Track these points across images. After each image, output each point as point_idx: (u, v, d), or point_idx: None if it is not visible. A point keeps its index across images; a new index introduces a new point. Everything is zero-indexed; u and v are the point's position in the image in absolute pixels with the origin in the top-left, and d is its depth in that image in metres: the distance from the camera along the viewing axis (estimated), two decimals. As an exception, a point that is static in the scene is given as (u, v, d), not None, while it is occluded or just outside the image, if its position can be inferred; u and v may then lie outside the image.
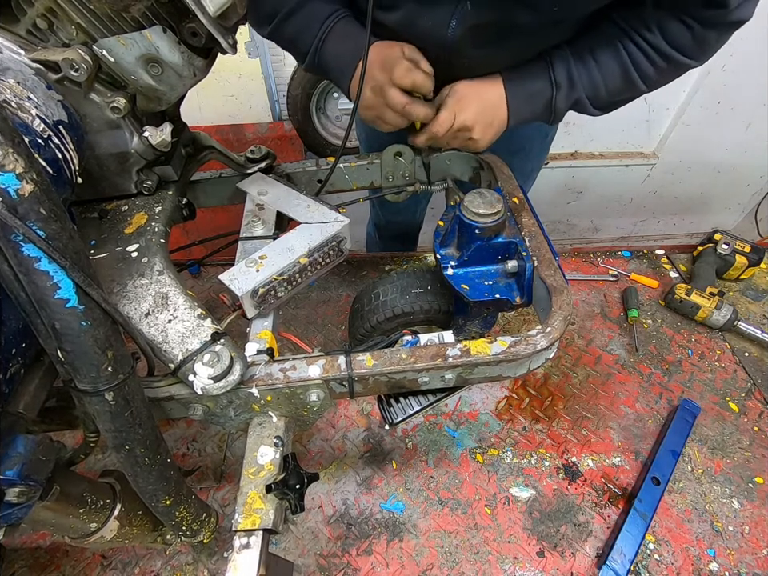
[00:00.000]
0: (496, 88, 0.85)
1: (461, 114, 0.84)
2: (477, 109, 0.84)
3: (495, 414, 1.09)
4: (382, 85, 0.81)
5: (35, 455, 0.50)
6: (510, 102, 0.85)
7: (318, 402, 0.68)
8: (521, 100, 0.86)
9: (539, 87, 0.85)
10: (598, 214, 2.55)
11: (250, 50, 1.87)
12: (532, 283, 0.77)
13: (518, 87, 0.85)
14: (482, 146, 0.89)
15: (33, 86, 0.56)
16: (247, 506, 0.62)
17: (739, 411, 1.09)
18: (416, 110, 0.82)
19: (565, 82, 0.84)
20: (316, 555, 0.89)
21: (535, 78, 0.85)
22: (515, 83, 0.85)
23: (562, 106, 0.86)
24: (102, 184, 0.76)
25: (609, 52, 0.82)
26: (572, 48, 0.84)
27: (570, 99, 0.85)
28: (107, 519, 0.65)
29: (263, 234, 0.81)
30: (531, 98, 0.86)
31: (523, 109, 0.87)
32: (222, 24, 0.63)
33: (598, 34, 0.83)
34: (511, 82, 0.85)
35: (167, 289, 0.66)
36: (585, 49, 0.83)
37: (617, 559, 0.85)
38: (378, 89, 0.81)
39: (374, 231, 1.67)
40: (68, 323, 0.44)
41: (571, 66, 0.83)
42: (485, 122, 0.85)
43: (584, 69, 0.83)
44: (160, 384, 0.65)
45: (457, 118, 0.84)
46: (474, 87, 0.85)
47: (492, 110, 0.86)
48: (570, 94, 0.85)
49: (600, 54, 0.82)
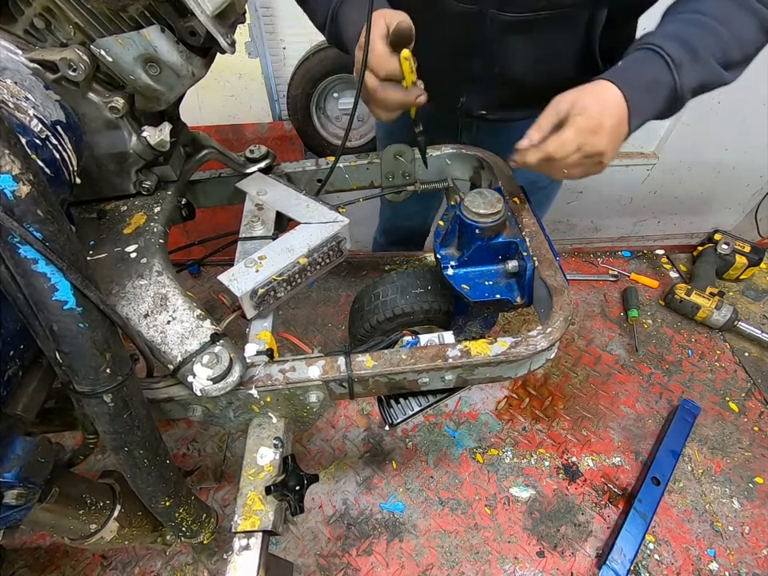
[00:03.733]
0: (612, 92, 0.71)
1: (595, 140, 0.70)
2: (611, 129, 0.70)
3: (495, 414, 1.09)
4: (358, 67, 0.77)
5: (34, 457, 0.50)
6: (630, 102, 0.70)
7: (318, 403, 0.68)
8: (640, 95, 0.71)
9: (654, 73, 0.71)
10: (598, 214, 2.54)
11: (250, 50, 1.87)
12: (532, 283, 0.77)
13: (634, 83, 0.71)
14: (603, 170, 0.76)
15: (30, 86, 0.55)
16: (247, 507, 0.61)
17: (739, 411, 1.09)
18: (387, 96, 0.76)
19: (684, 54, 0.70)
20: (316, 555, 0.89)
21: (645, 65, 0.72)
22: (629, 80, 0.71)
23: (689, 84, 0.71)
24: (100, 184, 0.75)
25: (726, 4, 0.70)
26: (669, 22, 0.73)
27: (697, 75, 0.71)
28: (107, 520, 0.65)
29: (263, 235, 0.81)
30: (650, 89, 0.71)
31: (645, 106, 0.72)
32: (220, 23, 0.63)
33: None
34: (624, 81, 0.71)
35: (166, 289, 0.66)
36: (690, 13, 0.72)
37: (617, 559, 0.85)
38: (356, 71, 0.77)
39: (381, 237, 1.66)
40: (66, 325, 0.44)
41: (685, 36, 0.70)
42: (615, 140, 0.72)
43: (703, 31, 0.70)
44: (159, 385, 0.64)
45: (588, 144, 0.70)
46: (598, 98, 0.71)
47: (619, 127, 0.72)
48: (694, 67, 0.70)
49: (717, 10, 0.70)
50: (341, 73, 1.67)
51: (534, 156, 0.74)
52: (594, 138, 0.71)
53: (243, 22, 0.70)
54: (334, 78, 1.65)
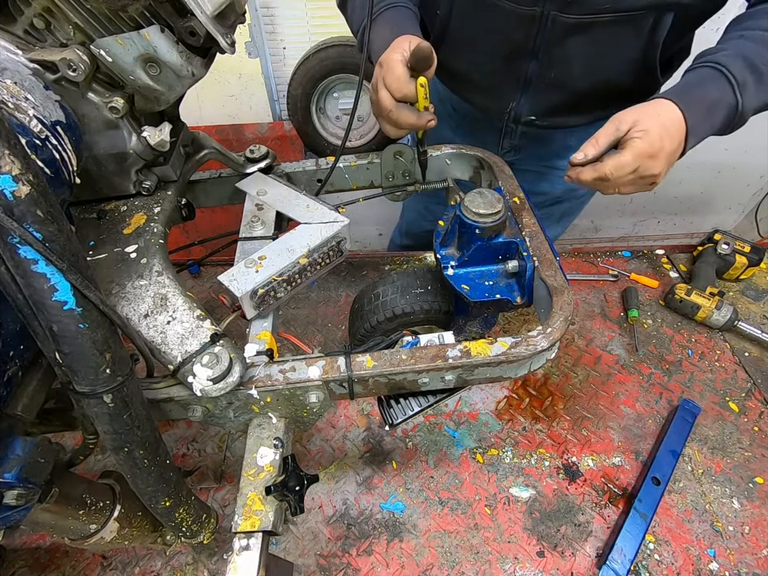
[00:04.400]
0: (674, 114, 0.71)
1: (652, 164, 0.71)
2: (667, 153, 0.71)
3: (495, 414, 1.09)
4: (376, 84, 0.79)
5: (34, 457, 0.50)
6: (690, 123, 0.71)
7: (318, 404, 0.68)
8: (700, 117, 0.71)
9: (717, 93, 0.70)
10: (598, 214, 2.54)
11: (250, 50, 1.87)
12: (533, 283, 0.77)
13: (695, 104, 0.71)
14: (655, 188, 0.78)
15: (30, 87, 0.55)
16: (247, 507, 0.61)
17: (739, 411, 1.09)
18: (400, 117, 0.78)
19: (749, 75, 0.69)
20: (316, 555, 0.89)
21: (708, 84, 0.71)
22: (691, 101, 0.71)
23: (752, 105, 0.71)
24: (100, 184, 0.75)
25: None
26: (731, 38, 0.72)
27: (762, 94, 0.70)
28: (107, 520, 0.65)
29: (263, 235, 0.81)
30: (710, 111, 0.71)
31: (703, 127, 0.73)
32: (220, 23, 0.63)
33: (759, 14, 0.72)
34: (686, 102, 0.71)
35: (166, 290, 0.66)
36: (750, 30, 0.70)
37: (617, 559, 0.85)
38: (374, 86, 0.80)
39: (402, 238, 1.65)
40: (66, 325, 0.44)
41: (749, 54, 0.69)
42: (670, 163, 0.73)
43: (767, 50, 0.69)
44: (159, 385, 0.64)
45: (644, 167, 0.71)
46: (659, 120, 0.70)
47: (677, 151, 0.72)
48: (759, 87, 0.69)
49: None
50: (341, 73, 1.67)
51: (588, 175, 0.74)
52: (652, 162, 0.71)
53: (243, 22, 0.70)
54: (334, 78, 1.65)
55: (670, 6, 0.78)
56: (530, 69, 0.91)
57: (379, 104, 0.79)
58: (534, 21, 0.82)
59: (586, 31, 0.82)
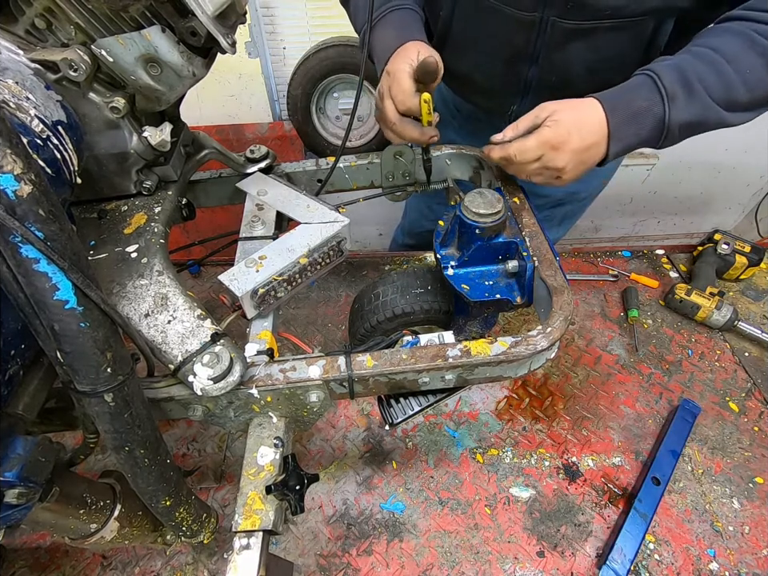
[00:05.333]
0: (595, 112, 0.72)
1: (555, 155, 0.72)
2: (573, 149, 0.72)
3: (495, 414, 1.09)
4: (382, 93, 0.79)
5: (35, 456, 0.50)
6: (612, 126, 0.71)
7: (318, 403, 0.68)
8: (622, 122, 0.71)
9: (645, 103, 0.70)
10: (598, 214, 2.54)
11: (250, 50, 1.88)
12: (533, 283, 0.77)
13: (620, 108, 0.71)
14: (565, 184, 0.78)
15: (31, 86, 0.55)
16: (247, 506, 0.62)
17: (739, 411, 1.09)
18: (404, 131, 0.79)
19: (679, 88, 0.69)
20: (316, 555, 0.89)
21: (637, 91, 0.72)
22: (616, 104, 0.72)
23: (678, 122, 0.70)
24: (101, 184, 0.75)
25: (739, 42, 0.68)
26: (682, 52, 0.72)
27: (690, 111, 0.70)
28: (107, 520, 0.65)
29: (263, 235, 0.81)
30: (634, 118, 0.71)
31: (626, 132, 0.72)
32: (221, 23, 0.63)
33: (716, 31, 0.72)
34: (611, 104, 0.72)
35: (167, 289, 0.66)
36: (701, 47, 0.70)
37: (617, 559, 0.85)
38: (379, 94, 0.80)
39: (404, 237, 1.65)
40: (67, 324, 0.44)
41: (685, 68, 0.69)
42: (577, 162, 0.74)
43: (707, 67, 0.68)
44: (159, 385, 0.65)
45: (547, 157, 0.73)
46: (575, 115, 0.72)
47: (588, 151, 0.73)
48: (689, 104, 0.69)
49: (726, 46, 0.68)
50: (341, 73, 1.67)
51: (496, 153, 0.78)
52: (554, 154, 0.72)
53: (244, 22, 0.70)
54: (334, 78, 1.65)
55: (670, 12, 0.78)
56: (530, 73, 0.91)
57: (383, 115, 0.80)
58: (534, 26, 0.83)
59: (587, 36, 0.82)
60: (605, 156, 0.74)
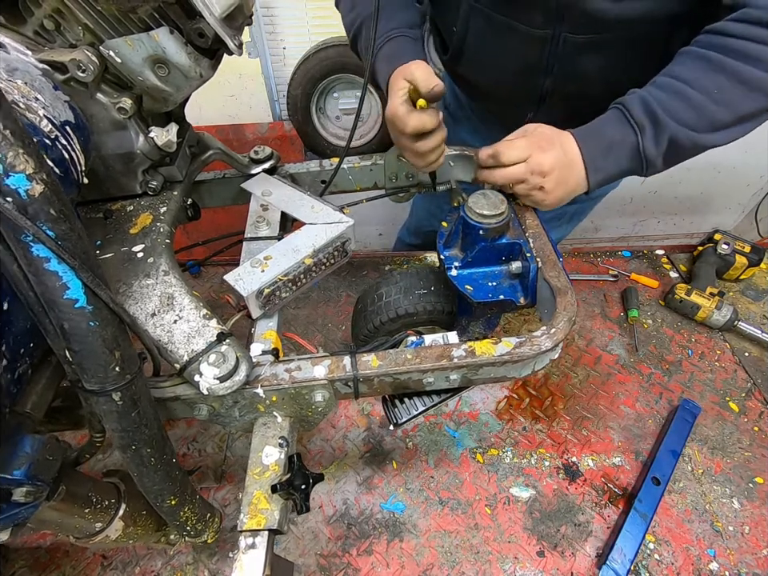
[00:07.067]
0: (571, 143, 0.76)
1: (540, 154, 0.76)
2: (557, 156, 0.75)
3: (495, 413, 1.09)
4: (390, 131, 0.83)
5: (42, 455, 0.50)
6: (586, 156, 0.76)
7: (323, 403, 0.69)
8: (597, 153, 0.75)
9: (618, 135, 0.74)
10: (598, 214, 2.53)
11: (250, 50, 1.88)
12: (536, 284, 0.77)
13: (591, 139, 0.76)
14: (548, 202, 0.81)
15: (40, 87, 0.56)
16: (252, 506, 0.62)
17: (739, 411, 1.10)
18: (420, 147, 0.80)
19: (646, 120, 0.72)
20: (316, 555, 0.89)
21: (609, 125, 0.75)
22: (587, 136, 0.76)
23: (653, 151, 0.73)
24: (107, 184, 0.76)
25: (699, 66, 0.70)
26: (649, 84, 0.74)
27: (661, 139, 0.72)
28: (112, 519, 0.65)
29: (268, 235, 0.81)
30: (611, 150, 0.75)
31: (603, 163, 0.76)
32: (228, 25, 0.63)
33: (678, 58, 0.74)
34: (582, 136, 0.76)
35: (173, 289, 0.66)
36: (664, 76, 0.73)
37: (617, 559, 0.85)
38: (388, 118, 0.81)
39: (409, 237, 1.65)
40: (76, 323, 0.45)
41: (649, 100, 0.72)
42: (560, 176, 0.77)
43: (669, 95, 0.71)
44: (166, 384, 0.65)
45: (534, 157, 0.76)
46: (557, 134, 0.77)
47: (569, 168, 0.77)
48: (658, 132, 0.72)
49: (687, 72, 0.71)
50: (341, 73, 1.68)
51: (486, 151, 0.82)
52: (541, 155, 0.76)
53: (251, 24, 0.71)
54: (334, 78, 1.65)
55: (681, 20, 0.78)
56: (545, 84, 0.92)
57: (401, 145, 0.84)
58: (546, 41, 0.84)
59: (599, 49, 0.83)
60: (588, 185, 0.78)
